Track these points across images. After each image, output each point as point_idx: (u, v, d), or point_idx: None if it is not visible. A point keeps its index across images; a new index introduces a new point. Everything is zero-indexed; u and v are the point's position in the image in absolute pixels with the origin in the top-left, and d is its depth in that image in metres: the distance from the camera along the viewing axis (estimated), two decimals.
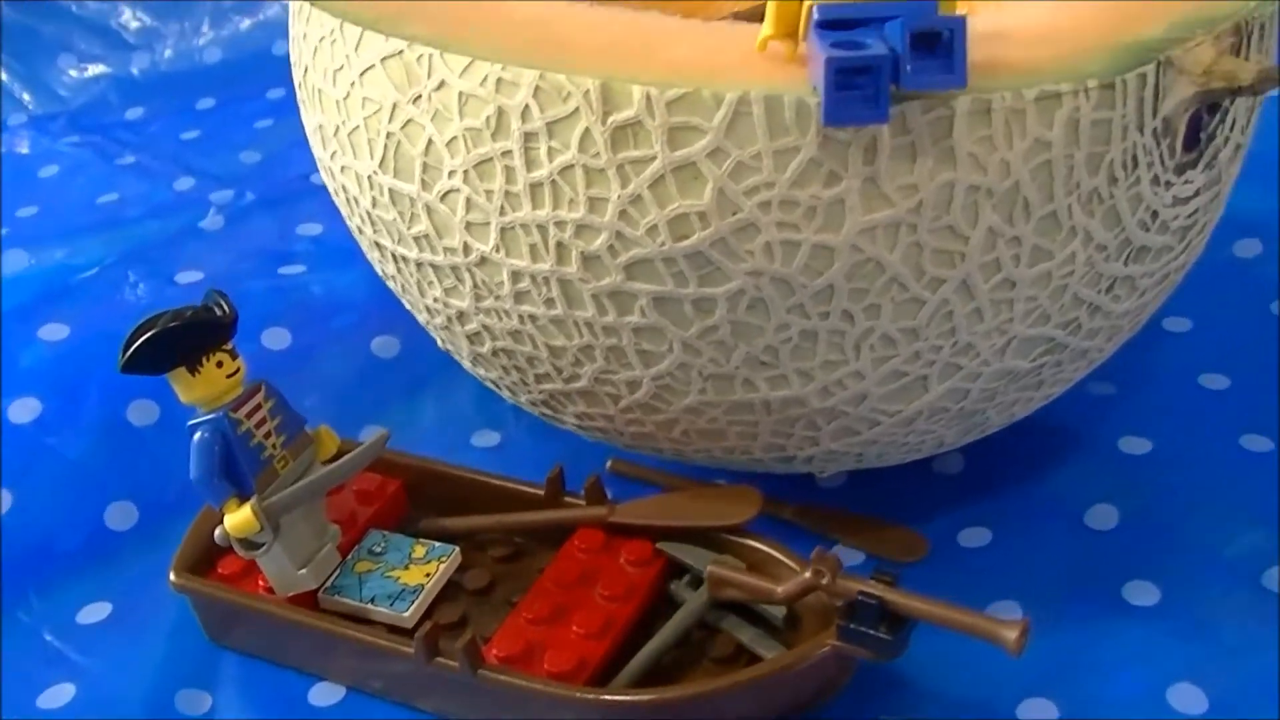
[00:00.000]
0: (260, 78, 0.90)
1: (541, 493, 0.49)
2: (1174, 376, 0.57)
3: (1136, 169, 0.40)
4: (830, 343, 0.40)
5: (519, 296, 0.42)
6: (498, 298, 0.43)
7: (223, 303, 0.44)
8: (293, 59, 0.49)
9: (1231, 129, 0.44)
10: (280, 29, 0.94)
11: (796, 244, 0.38)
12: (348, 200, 0.47)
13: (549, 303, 0.42)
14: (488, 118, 0.40)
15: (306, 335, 0.60)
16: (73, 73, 0.92)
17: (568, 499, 0.49)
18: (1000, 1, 0.46)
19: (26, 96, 0.91)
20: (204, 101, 0.90)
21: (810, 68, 0.36)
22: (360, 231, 0.48)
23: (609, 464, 0.55)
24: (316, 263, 0.65)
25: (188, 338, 0.43)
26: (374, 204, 0.45)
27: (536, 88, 0.38)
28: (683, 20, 0.43)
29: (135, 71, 0.92)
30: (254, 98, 0.89)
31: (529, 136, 0.39)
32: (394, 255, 0.46)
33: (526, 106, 0.39)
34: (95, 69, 0.92)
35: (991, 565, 0.49)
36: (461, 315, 0.45)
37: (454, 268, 0.44)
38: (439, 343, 0.50)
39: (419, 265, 0.45)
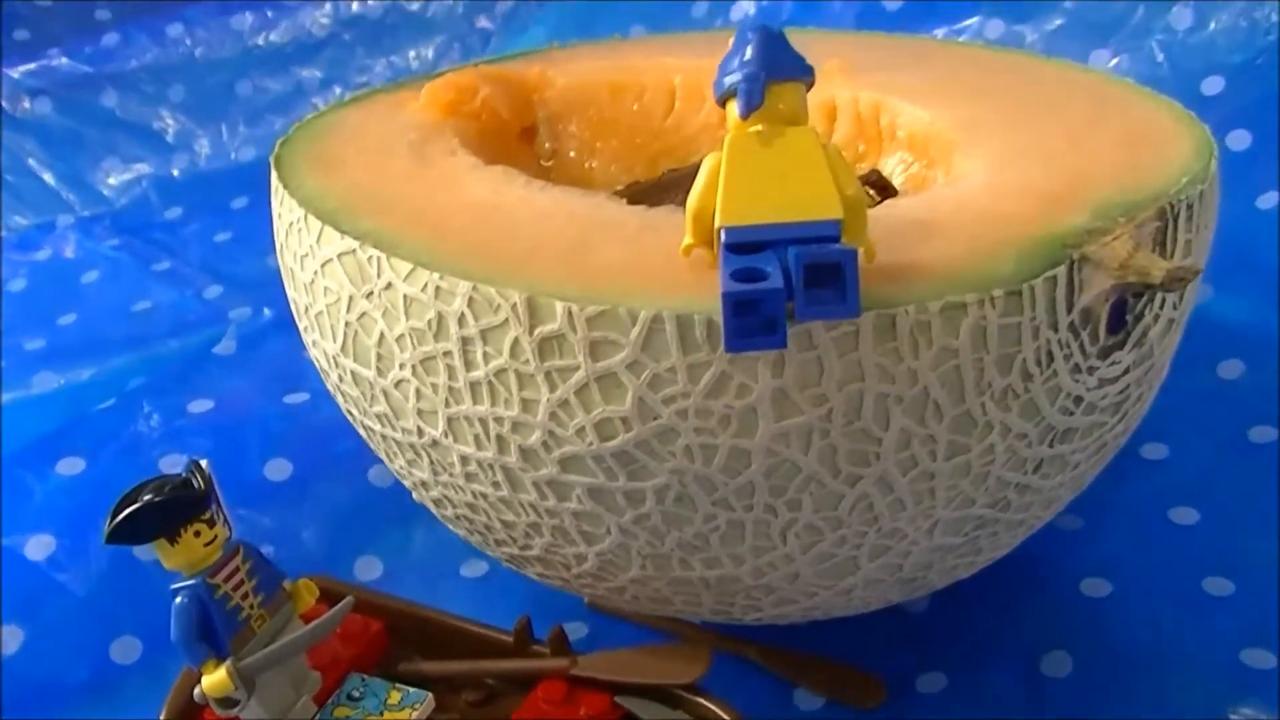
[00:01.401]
0: None
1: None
2: (1144, 510, 0.58)
3: (1053, 363, 0.41)
4: (757, 531, 0.42)
5: (469, 477, 0.45)
6: (451, 475, 0.46)
7: (198, 475, 0.47)
8: (275, 230, 0.52)
9: (1162, 306, 0.45)
10: None
11: (714, 447, 0.40)
12: (322, 369, 0.50)
13: (496, 485, 0.44)
14: (429, 320, 0.42)
15: (307, 463, 0.63)
16: (116, 175, 0.96)
17: (535, 647, 0.52)
18: (955, 173, 0.48)
19: (73, 198, 0.96)
20: (238, 200, 0.94)
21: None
22: (335, 395, 0.51)
23: (587, 600, 0.57)
24: (321, 386, 0.68)
25: (166, 513, 0.46)
26: (340, 380, 0.48)
27: (470, 297, 0.41)
28: (617, 212, 0.45)
29: (175, 172, 0.96)
30: None
31: (466, 340, 0.41)
32: (362, 424, 0.49)
33: (462, 314, 0.41)
34: (138, 169, 0.97)
35: (945, 713, 0.50)
36: (424, 483, 0.48)
37: (411, 445, 0.46)
38: (412, 495, 0.53)
39: (384, 437, 0.48)
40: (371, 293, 0.44)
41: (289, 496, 0.62)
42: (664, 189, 0.58)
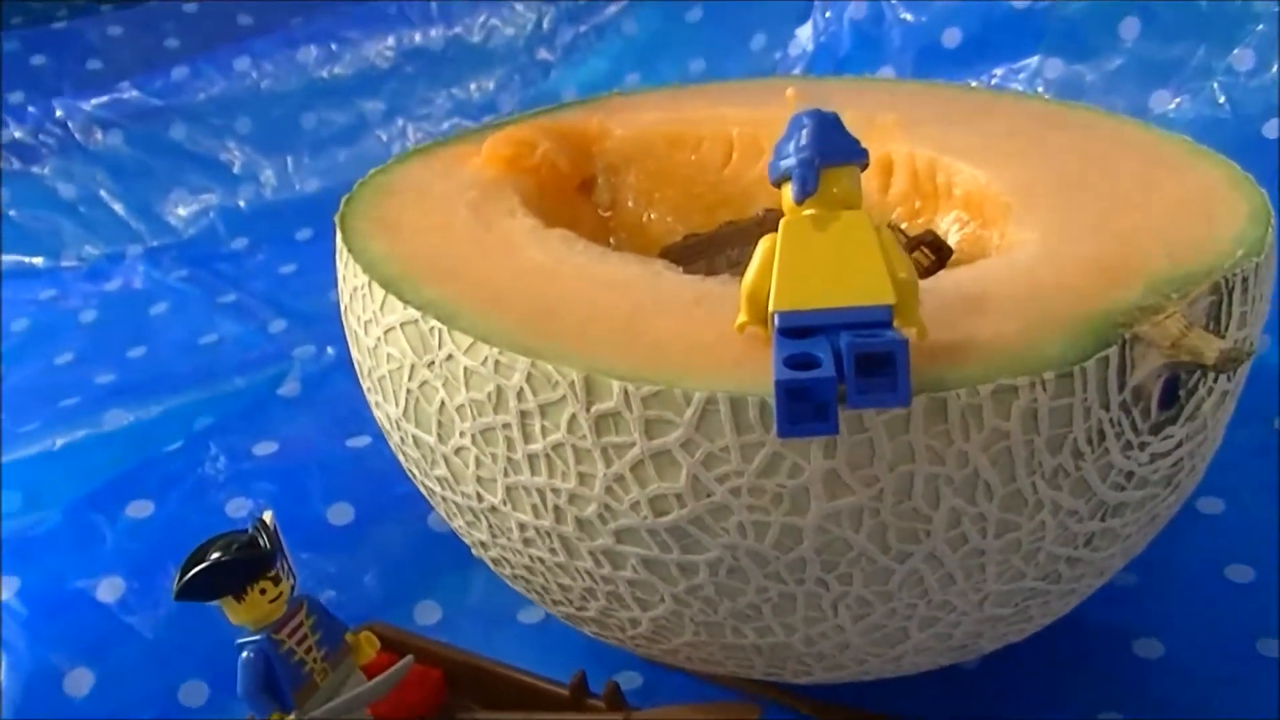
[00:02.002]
0: None
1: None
2: (1200, 566, 0.58)
3: (1104, 441, 0.41)
4: (809, 603, 0.43)
5: (527, 542, 0.46)
6: (509, 540, 0.47)
7: (264, 534, 0.48)
8: (339, 290, 0.53)
9: (1216, 379, 0.45)
10: (375, 159, 0.99)
11: (767, 524, 0.40)
12: (384, 430, 0.51)
13: (553, 551, 0.45)
14: (489, 393, 0.43)
15: (368, 507, 0.65)
16: (184, 206, 0.98)
17: (591, 701, 0.52)
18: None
19: (142, 228, 0.98)
20: (302, 232, 0.96)
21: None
22: (396, 454, 0.52)
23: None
24: (381, 430, 0.69)
25: (233, 571, 0.47)
26: (402, 442, 0.49)
27: (529, 373, 0.42)
28: (674, 283, 0.46)
29: (241, 203, 0.98)
30: None
31: (525, 414, 0.42)
32: (423, 484, 0.50)
33: (521, 389, 0.42)
34: (205, 200, 0.99)
35: None
36: (483, 544, 0.49)
37: (471, 509, 0.47)
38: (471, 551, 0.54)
39: (444, 499, 0.49)
40: (433, 362, 0.45)
41: (351, 540, 0.63)
42: (720, 243, 0.58)
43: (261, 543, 0.48)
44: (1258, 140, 0.73)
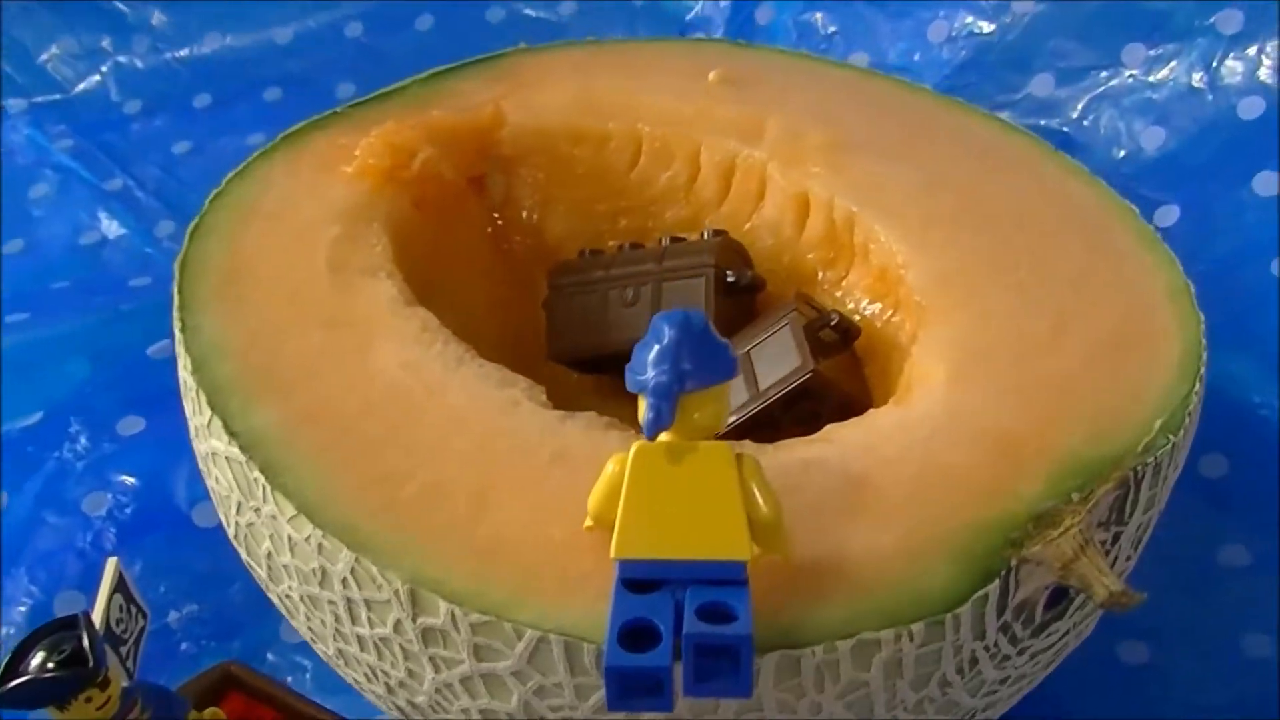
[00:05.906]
0: (258, 74, 0.88)
1: None
2: (1194, 544, 0.55)
3: (976, 665, 0.38)
4: None
5: (362, 688, 0.43)
6: (344, 672, 0.44)
7: (88, 648, 0.45)
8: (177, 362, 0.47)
9: (1115, 560, 0.41)
10: (286, 15, 0.90)
11: None
12: None
13: (389, 707, 0.42)
14: (314, 569, 0.39)
15: None
16: (71, 58, 0.90)
17: None
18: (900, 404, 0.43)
19: (26, 82, 0.90)
20: (201, 98, 0.88)
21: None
22: None
23: None
24: None
25: (54, 685, 0.44)
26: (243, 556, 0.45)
27: (353, 568, 0.38)
28: (531, 427, 0.41)
29: (137, 62, 0.90)
30: (248, 96, 0.87)
31: (351, 601, 0.39)
32: None
33: (346, 578, 0.38)
34: (94, 51, 0.90)
35: None
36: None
37: (310, 641, 0.44)
38: None
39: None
40: (258, 509, 0.41)
41: (217, 544, 0.59)
42: (619, 271, 0.53)
43: (86, 647, 0.45)
44: (1231, 121, 0.66)
